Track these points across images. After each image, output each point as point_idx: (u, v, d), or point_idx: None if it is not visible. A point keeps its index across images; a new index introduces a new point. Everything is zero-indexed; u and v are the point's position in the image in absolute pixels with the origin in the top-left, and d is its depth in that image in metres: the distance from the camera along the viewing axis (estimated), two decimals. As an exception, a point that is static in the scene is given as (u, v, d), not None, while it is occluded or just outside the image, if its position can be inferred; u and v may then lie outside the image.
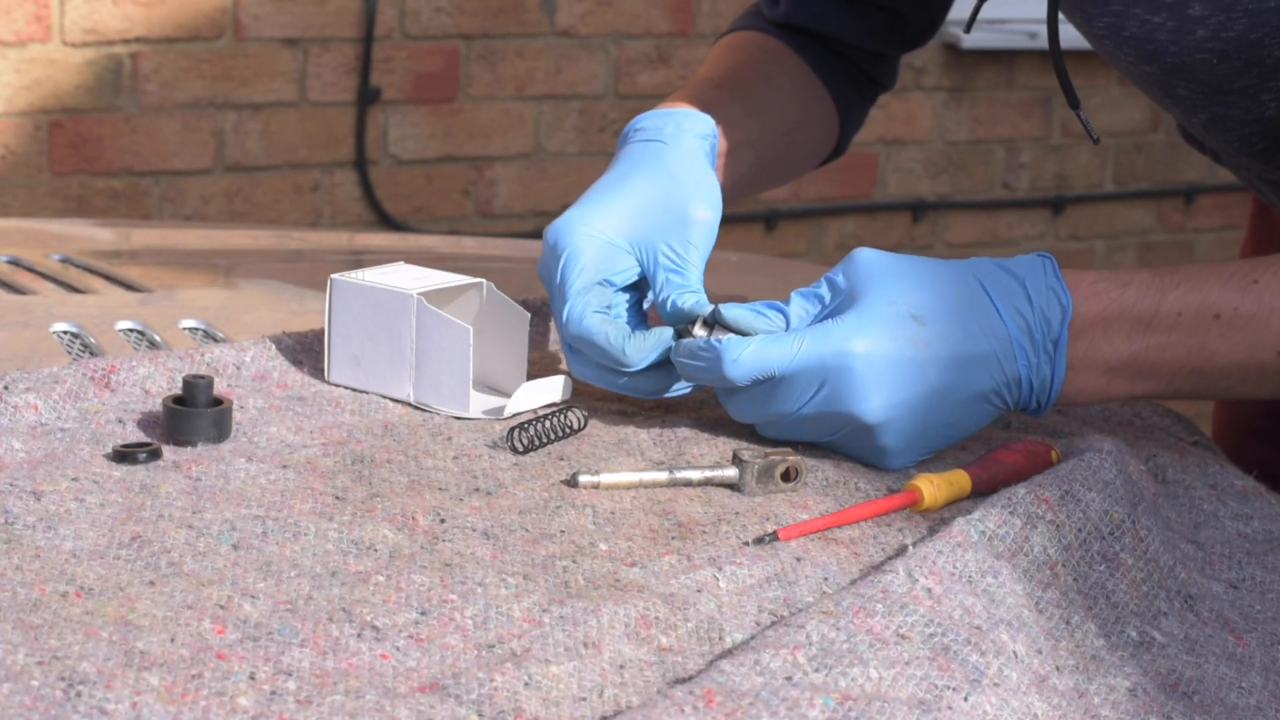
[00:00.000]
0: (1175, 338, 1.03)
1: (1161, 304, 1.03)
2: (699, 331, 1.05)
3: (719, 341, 1.02)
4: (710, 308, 1.06)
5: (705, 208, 1.11)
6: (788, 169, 1.39)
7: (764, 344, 1.01)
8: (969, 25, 1.28)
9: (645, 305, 1.14)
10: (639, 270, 1.10)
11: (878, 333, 1.00)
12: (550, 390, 1.11)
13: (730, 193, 1.22)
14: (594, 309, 1.07)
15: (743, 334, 1.03)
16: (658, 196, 1.11)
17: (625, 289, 1.11)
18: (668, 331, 1.06)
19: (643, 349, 1.06)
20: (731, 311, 1.05)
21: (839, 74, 1.38)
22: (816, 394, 1.01)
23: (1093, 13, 1.16)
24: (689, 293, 1.08)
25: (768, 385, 1.02)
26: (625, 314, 1.12)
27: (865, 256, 1.04)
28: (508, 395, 1.11)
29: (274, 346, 1.15)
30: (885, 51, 1.40)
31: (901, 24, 1.37)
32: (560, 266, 1.08)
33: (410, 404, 1.10)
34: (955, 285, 1.03)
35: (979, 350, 1.02)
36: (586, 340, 1.06)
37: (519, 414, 1.09)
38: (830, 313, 1.03)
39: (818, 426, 1.03)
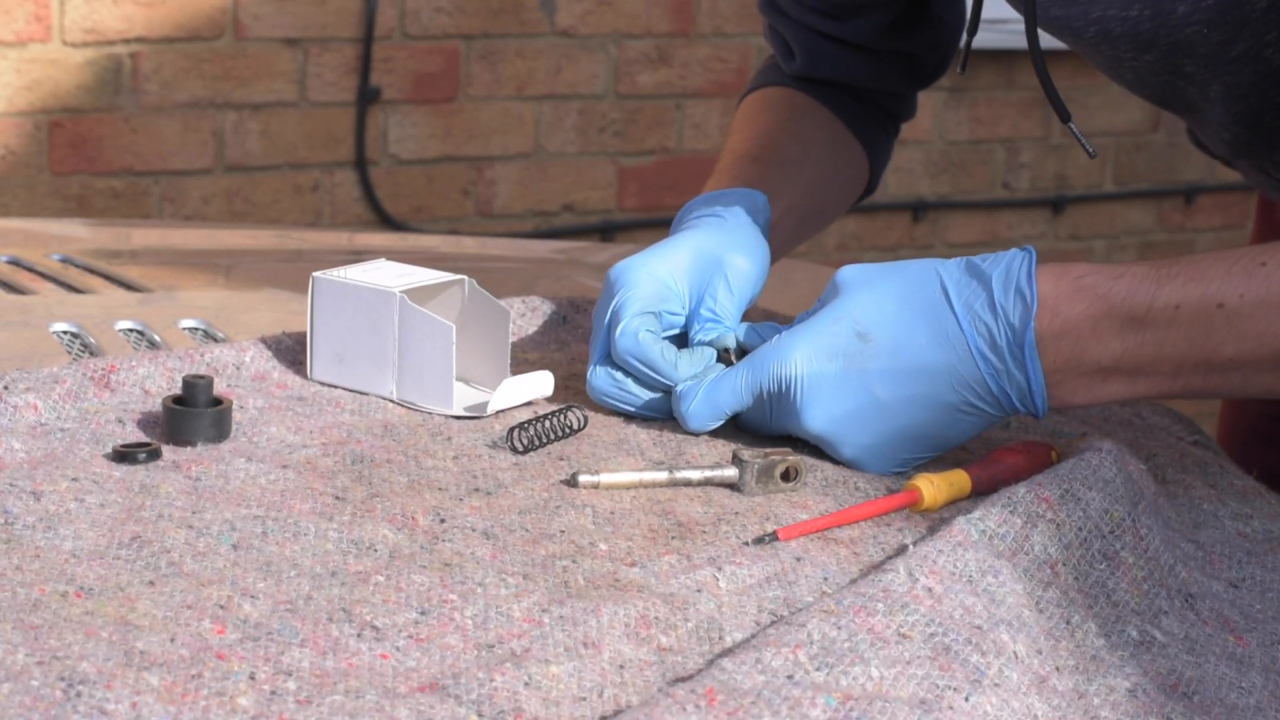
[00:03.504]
0: (1173, 332, 0.98)
1: (1157, 297, 0.98)
2: (735, 360, 1.10)
3: (678, 391, 1.07)
4: (731, 340, 1.10)
5: (746, 259, 1.14)
6: (826, 218, 1.43)
7: (710, 389, 1.05)
8: (962, 65, 1.29)
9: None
10: (684, 318, 1.13)
11: (812, 350, 1.02)
12: (533, 386, 1.11)
13: (777, 254, 1.27)
14: (646, 328, 1.09)
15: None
16: (707, 250, 1.14)
17: (667, 337, 1.13)
18: (710, 351, 1.10)
19: (691, 364, 1.09)
20: (745, 339, 1.10)
21: (862, 117, 1.42)
22: (771, 412, 1.05)
23: (1078, 26, 1.17)
24: (715, 329, 1.12)
25: (741, 412, 1.07)
26: None
27: (841, 275, 1.06)
28: (491, 391, 1.11)
29: (274, 346, 1.15)
30: (902, 92, 1.44)
31: (915, 65, 1.40)
32: (617, 296, 1.11)
33: (393, 401, 1.10)
34: (913, 296, 1.02)
35: (931, 362, 1.01)
36: (640, 354, 1.08)
37: (504, 410, 1.10)
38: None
39: (800, 438, 1.06)
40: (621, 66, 3.51)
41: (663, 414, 1.10)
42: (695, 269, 1.13)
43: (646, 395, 1.09)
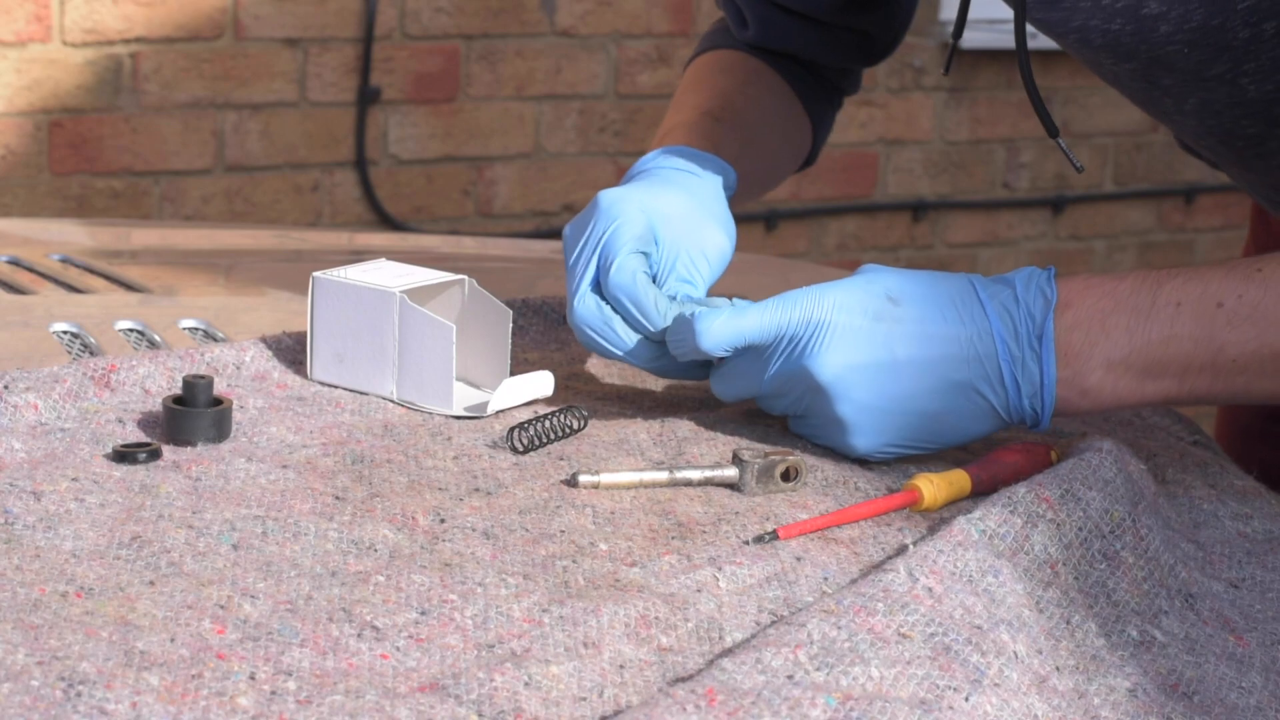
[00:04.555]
0: (1178, 329, 1.00)
1: (1159, 295, 1.01)
2: None
3: (692, 314, 1.05)
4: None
5: (725, 237, 1.15)
6: (767, 184, 1.43)
7: (734, 313, 1.04)
8: (946, 66, 1.30)
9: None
10: (656, 265, 1.12)
11: (844, 299, 1.03)
12: (533, 386, 1.11)
13: None
14: (642, 269, 1.09)
15: None
16: (691, 210, 1.14)
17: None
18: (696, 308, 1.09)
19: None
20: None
21: (812, 88, 1.42)
22: (781, 356, 1.04)
23: (1058, 31, 1.17)
24: (690, 290, 1.11)
25: (743, 354, 1.06)
26: None
27: (868, 266, 1.06)
28: (491, 391, 1.11)
29: (274, 346, 1.15)
30: (851, 67, 1.44)
31: (866, 42, 1.40)
32: (612, 227, 1.10)
33: (394, 401, 1.10)
34: (945, 283, 1.04)
35: (952, 332, 1.02)
36: (633, 295, 1.08)
37: (504, 410, 1.10)
38: None
39: (786, 392, 1.05)
40: (621, 66, 3.51)
41: (639, 360, 1.09)
42: (680, 222, 1.12)
43: (631, 340, 1.09)
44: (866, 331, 1.02)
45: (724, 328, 1.04)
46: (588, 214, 1.11)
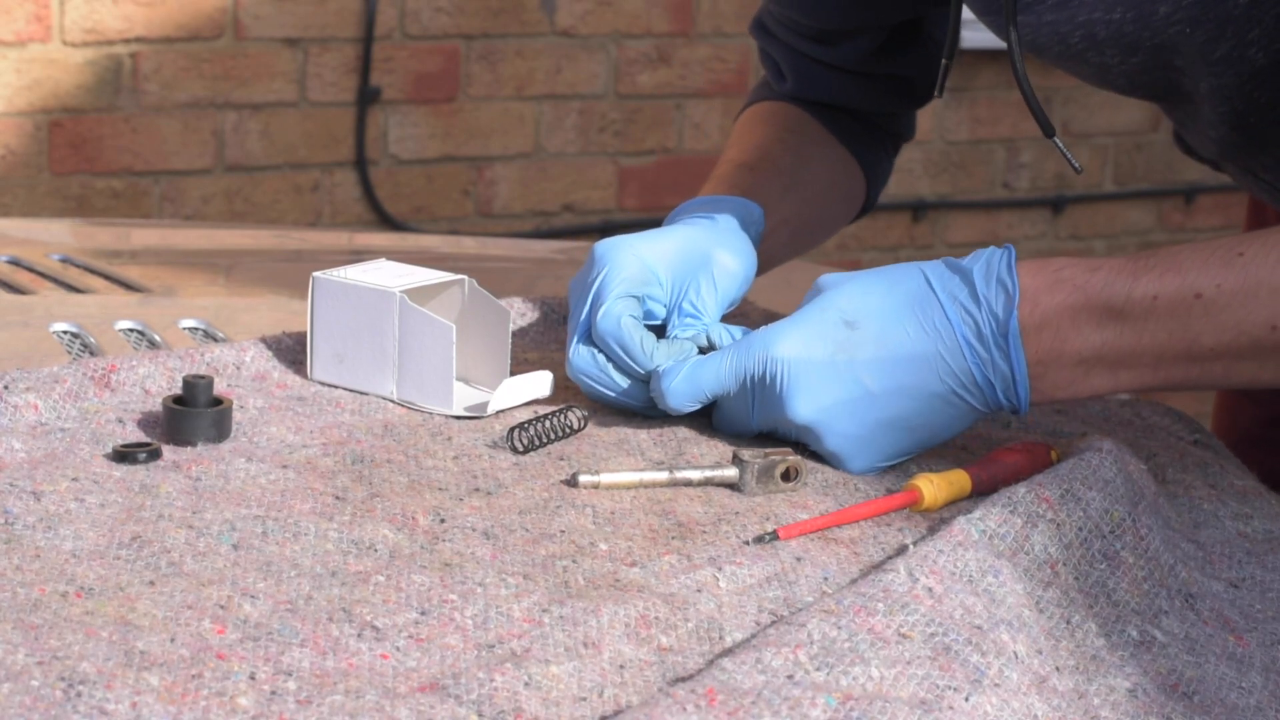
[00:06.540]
0: (1152, 323, 0.98)
1: (1134, 289, 0.98)
2: None
3: (658, 370, 1.05)
4: (711, 340, 1.09)
5: (733, 258, 1.13)
6: (820, 233, 1.42)
7: (693, 368, 1.04)
8: (940, 89, 1.29)
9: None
10: (666, 308, 1.12)
11: (800, 337, 1.02)
12: (533, 386, 1.11)
13: (768, 266, 1.26)
14: (629, 313, 1.08)
15: None
16: (696, 244, 1.13)
17: (648, 326, 1.12)
18: (690, 346, 1.09)
19: (669, 357, 1.07)
20: (721, 341, 1.09)
21: (859, 135, 1.41)
22: (754, 402, 1.04)
23: (1065, 30, 1.16)
24: (694, 325, 1.11)
25: (724, 398, 1.05)
26: None
27: (823, 278, 1.06)
28: (491, 391, 1.11)
29: (274, 346, 1.15)
30: (896, 112, 1.42)
31: (907, 86, 1.39)
32: (602, 274, 1.09)
33: (394, 401, 1.10)
34: (900, 288, 1.02)
35: (918, 350, 1.01)
36: (619, 338, 1.07)
37: (504, 410, 1.10)
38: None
39: (777, 428, 1.05)
40: (621, 66, 3.51)
41: (639, 402, 1.09)
42: (681, 259, 1.12)
43: (625, 383, 1.08)
44: (830, 367, 1.01)
45: (683, 385, 1.04)
46: (585, 266, 1.11)
